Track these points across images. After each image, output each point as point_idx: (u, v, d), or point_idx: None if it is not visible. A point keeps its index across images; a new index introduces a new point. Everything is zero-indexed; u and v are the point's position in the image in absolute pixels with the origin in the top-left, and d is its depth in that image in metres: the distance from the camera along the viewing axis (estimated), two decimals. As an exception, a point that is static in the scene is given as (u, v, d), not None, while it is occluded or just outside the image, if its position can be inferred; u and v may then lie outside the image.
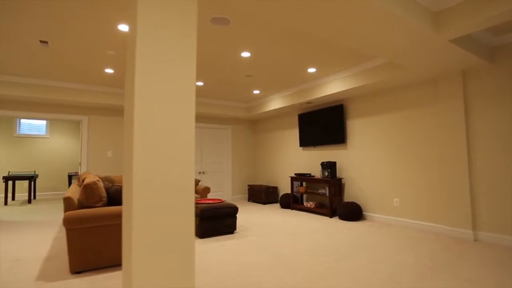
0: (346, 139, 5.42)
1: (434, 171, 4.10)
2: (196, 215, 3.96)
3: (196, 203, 4.16)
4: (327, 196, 5.32)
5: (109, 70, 4.64)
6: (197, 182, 5.60)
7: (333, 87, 5.01)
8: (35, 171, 7.79)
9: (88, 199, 2.81)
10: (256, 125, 8.19)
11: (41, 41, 3.49)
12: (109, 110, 6.16)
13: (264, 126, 7.84)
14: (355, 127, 5.27)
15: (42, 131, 8.49)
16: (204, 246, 3.49)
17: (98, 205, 2.85)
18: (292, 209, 6.10)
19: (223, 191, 7.65)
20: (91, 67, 4.50)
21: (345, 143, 5.43)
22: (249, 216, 5.38)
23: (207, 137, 7.48)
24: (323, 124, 5.78)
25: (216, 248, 3.42)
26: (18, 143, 7.98)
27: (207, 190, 5.34)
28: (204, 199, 4.45)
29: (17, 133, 8.12)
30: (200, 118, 7.30)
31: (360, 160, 5.15)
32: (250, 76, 5.03)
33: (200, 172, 7.29)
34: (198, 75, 4.95)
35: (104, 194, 2.94)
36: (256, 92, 6.16)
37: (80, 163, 5.88)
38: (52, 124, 8.59)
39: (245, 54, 4.00)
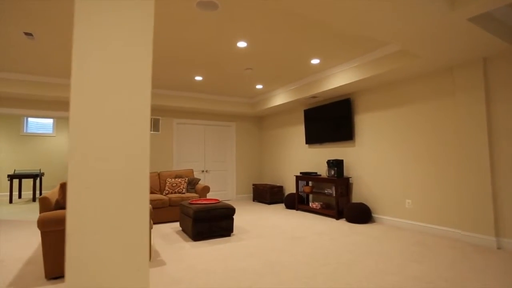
0: (354, 136, 5.06)
1: (452, 170, 3.70)
2: (190, 216, 3.72)
3: (190, 203, 3.92)
4: (333, 197, 4.98)
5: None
6: (196, 181, 5.37)
7: (339, 80, 4.65)
8: (40, 170, 7.79)
9: (65, 199, 2.61)
10: (261, 121, 7.90)
11: (25, 33, 3.33)
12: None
13: (270, 122, 7.54)
14: (363, 122, 4.90)
15: (49, 130, 8.50)
16: (195, 250, 3.24)
17: (77, 205, 2.65)
18: (297, 209, 5.78)
19: (227, 190, 7.41)
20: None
21: (353, 139, 5.07)
22: (251, 217, 5.11)
23: (210, 134, 7.25)
24: (330, 120, 5.43)
25: (207, 252, 3.17)
26: (25, 142, 8.01)
27: (206, 189, 5.11)
28: (200, 199, 4.21)
29: (24, 131, 8.16)
30: (202, 114, 7.08)
31: (369, 158, 4.78)
32: (250, 69, 4.74)
33: (203, 171, 7.07)
34: (195, 69, 4.71)
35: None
36: (259, 86, 5.87)
37: (79, 162, 5.76)
38: (58, 122, 8.59)
39: (241, 44, 3.72)
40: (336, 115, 5.29)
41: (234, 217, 5.10)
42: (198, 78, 5.21)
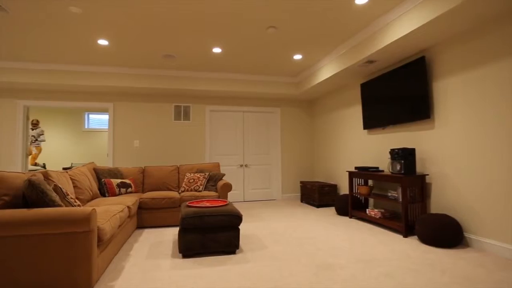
0: (433, 112, 3.37)
1: None
2: (180, 223, 2.79)
3: (188, 206, 2.99)
4: (399, 202, 3.41)
5: (102, 42, 3.88)
6: (220, 176, 4.44)
7: (403, 27, 3.07)
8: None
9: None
10: (312, 106, 6.52)
11: (-8, 2, 2.87)
12: (135, 95, 5.57)
13: (322, 106, 6.12)
14: (448, 90, 3.19)
15: (106, 125, 8.77)
16: (171, 274, 2.27)
17: (-10, 207, 1.96)
18: (350, 217, 4.32)
19: (271, 189, 6.31)
20: (77, 40, 3.81)
21: (430, 118, 3.39)
22: (283, 224, 3.92)
23: (250, 122, 6.24)
24: (396, 93, 3.82)
25: (185, 279, 2.16)
26: (85, 137, 8.39)
27: (226, 187, 4.12)
28: (207, 200, 3.26)
29: (85, 127, 8.56)
30: (239, 99, 6.10)
31: (459, 146, 3.06)
32: (273, 27, 3.54)
33: (241, 165, 6.12)
34: (202, 34, 3.75)
35: (8, 191, 2.05)
36: (298, 57, 4.58)
37: (107, 155, 5.47)
38: (113, 117, 8.79)
39: (241, -20, 2.59)
40: (405, 84, 3.66)
41: (251, 225, 3.99)
42: (217, 50, 4.24)
